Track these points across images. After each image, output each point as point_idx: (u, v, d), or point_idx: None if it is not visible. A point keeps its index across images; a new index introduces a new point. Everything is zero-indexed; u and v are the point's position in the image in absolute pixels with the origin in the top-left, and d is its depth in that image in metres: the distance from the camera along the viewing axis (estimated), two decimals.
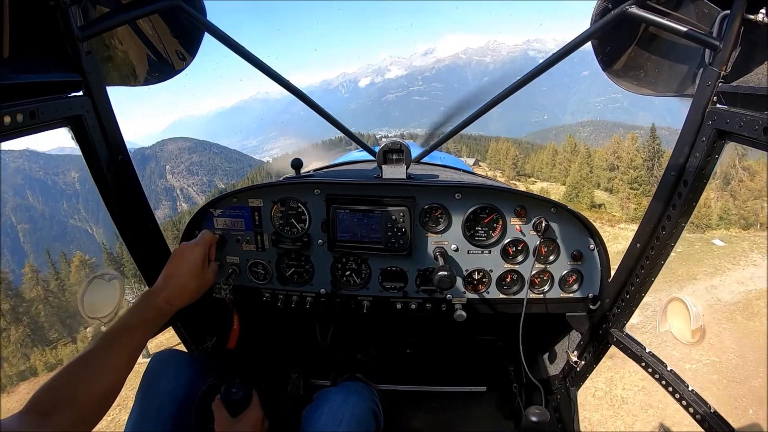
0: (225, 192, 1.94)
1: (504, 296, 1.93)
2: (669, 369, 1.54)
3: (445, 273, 1.62)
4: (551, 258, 1.86)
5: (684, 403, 1.46)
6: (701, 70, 1.25)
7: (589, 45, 1.58)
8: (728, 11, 1.14)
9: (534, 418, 1.50)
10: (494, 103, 1.81)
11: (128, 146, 1.62)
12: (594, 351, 1.91)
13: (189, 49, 1.86)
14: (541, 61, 1.63)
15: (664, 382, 1.54)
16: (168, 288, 1.42)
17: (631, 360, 1.68)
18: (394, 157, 1.76)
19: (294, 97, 1.81)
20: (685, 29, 1.26)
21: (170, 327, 1.86)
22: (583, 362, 1.99)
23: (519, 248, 1.85)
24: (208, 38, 1.78)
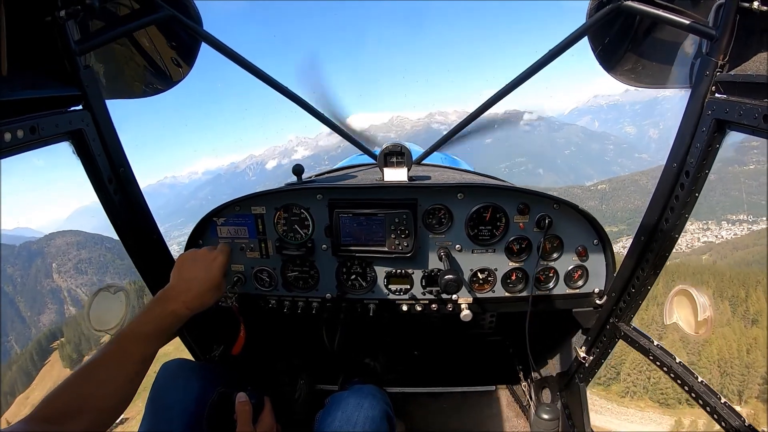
0: None
1: (510, 294, 1.92)
2: (678, 361, 1.54)
3: (452, 277, 1.61)
4: (555, 254, 1.85)
5: (694, 395, 1.45)
6: (699, 60, 1.25)
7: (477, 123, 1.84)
8: (723, 0, 1.14)
9: (545, 416, 1.49)
10: (490, 104, 1.84)
11: (23, 237, 1.55)
12: (602, 346, 1.90)
13: (186, 59, 1.87)
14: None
15: (672, 375, 1.53)
16: (189, 292, 1.36)
17: None
18: (395, 159, 1.76)
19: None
20: (681, 20, 1.26)
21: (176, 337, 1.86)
22: (591, 358, 1.98)
23: (523, 246, 1.85)
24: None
